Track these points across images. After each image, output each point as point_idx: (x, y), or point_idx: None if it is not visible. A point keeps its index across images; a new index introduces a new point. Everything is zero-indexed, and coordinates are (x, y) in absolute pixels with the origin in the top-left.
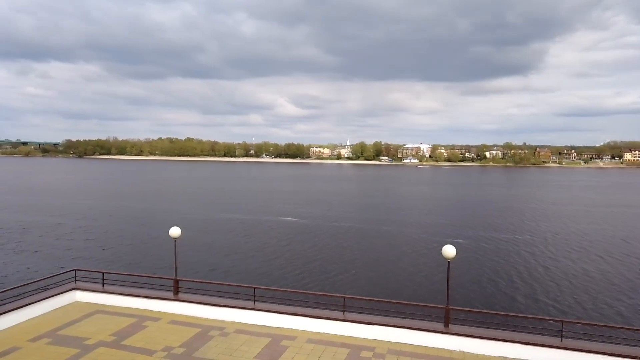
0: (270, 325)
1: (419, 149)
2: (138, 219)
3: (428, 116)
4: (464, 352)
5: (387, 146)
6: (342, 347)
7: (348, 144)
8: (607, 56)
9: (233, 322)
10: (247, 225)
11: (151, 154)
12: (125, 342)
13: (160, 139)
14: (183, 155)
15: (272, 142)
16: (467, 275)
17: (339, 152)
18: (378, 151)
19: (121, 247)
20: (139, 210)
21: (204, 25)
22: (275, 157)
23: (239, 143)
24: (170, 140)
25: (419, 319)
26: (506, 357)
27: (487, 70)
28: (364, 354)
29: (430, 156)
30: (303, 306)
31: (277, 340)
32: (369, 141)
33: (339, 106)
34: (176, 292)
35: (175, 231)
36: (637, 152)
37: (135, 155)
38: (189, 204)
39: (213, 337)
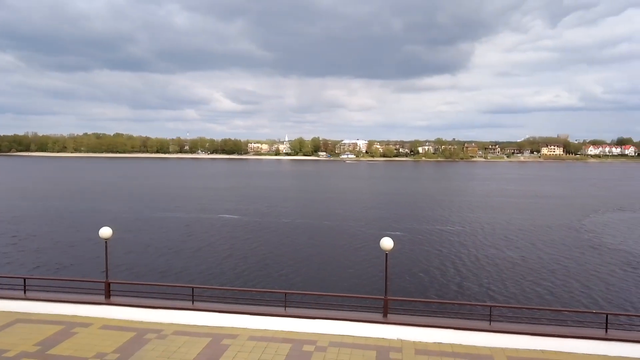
0: (210, 324)
1: (355, 144)
2: (64, 220)
3: (364, 112)
4: (401, 340)
5: (325, 142)
6: (284, 343)
7: (286, 139)
8: (526, 57)
9: (171, 324)
10: (184, 224)
11: (76, 150)
12: (51, 352)
13: (86, 134)
14: (112, 151)
15: (208, 137)
16: (404, 266)
17: (277, 148)
18: (316, 147)
19: (46, 251)
20: (64, 211)
21: (133, 15)
22: (212, 153)
23: (172, 139)
24: (97, 136)
25: (359, 311)
26: (441, 343)
27: (419, 69)
28: (306, 348)
29: (366, 152)
30: (244, 304)
31: (217, 339)
32: (307, 137)
33: (277, 102)
34: (108, 296)
35: (105, 231)
36: (552, 146)
37: (58, 151)
38: (120, 202)
39: (150, 341)
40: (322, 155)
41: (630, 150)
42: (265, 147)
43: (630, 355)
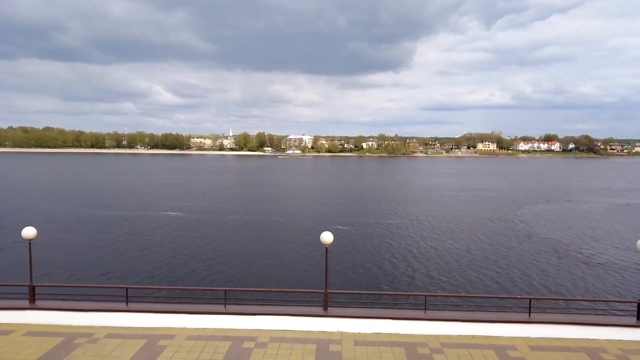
0: (145, 326)
1: (301, 140)
2: None
3: (309, 108)
4: (341, 333)
5: (271, 137)
6: (223, 341)
7: (231, 134)
8: (464, 57)
9: (103, 327)
10: (123, 222)
11: (0, 145)
12: None
13: (11, 128)
14: (41, 146)
15: (147, 132)
16: (346, 260)
17: (222, 142)
18: (262, 142)
19: None
20: None
21: (63, 1)
22: (152, 148)
23: (109, 133)
24: (25, 130)
25: (300, 305)
26: (379, 333)
27: (364, 66)
28: (246, 344)
29: (312, 147)
30: (182, 303)
31: (153, 340)
32: (253, 132)
33: (221, 96)
34: (32, 300)
35: (29, 232)
36: (487, 142)
37: None
38: (48, 200)
39: (79, 345)
40: (268, 150)
41: (555, 146)
42: (208, 142)
43: (550, 336)
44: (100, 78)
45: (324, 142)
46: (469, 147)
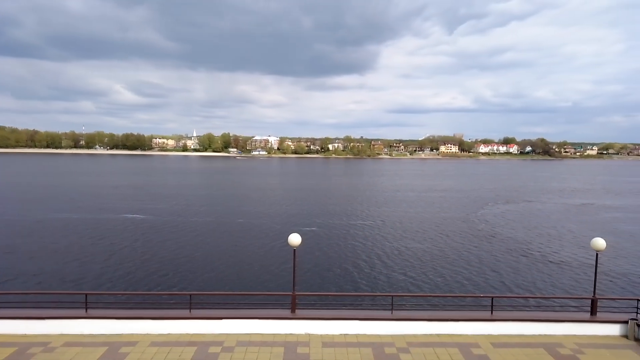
0: (107, 333)
1: (267, 141)
2: None
3: (275, 109)
4: (309, 335)
5: (236, 138)
6: (189, 346)
7: (194, 135)
8: (427, 61)
9: (61, 335)
10: (80, 226)
11: None
12: None
13: None
14: None
15: (107, 131)
16: (314, 261)
17: (185, 143)
18: (227, 143)
19: None
20: None
21: None
22: (111, 148)
23: (65, 132)
24: None
25: (268, 308)
26: (346, 334)
27: (329, 68)
28: (212, 349)
29: (278, 148)
30: (145, 308)
31: (115, 348)
32: (217, 132)
33: (184, 95)
34: None
35: None
36: (449, 145)
37: None
38: (3, 204)
39: (34, 355)
40: (233, 151)
41: (514, 149)
42: (171, 142)
43: (511, 333)
44: (56, 75)
45: (290, 143)
46: (432, 149)
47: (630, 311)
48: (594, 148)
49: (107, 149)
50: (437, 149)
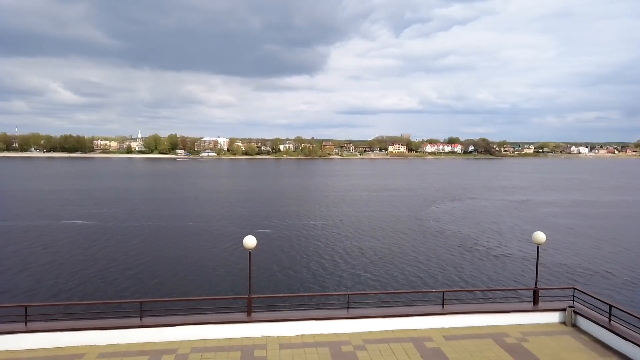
0: (50, 346)
1: (216, 142)
2: None
3: (224, 109)
4: (266, 337)
5: (184, 139)
6: (139, 356)
7: (139, 136)
8: (375, 63)
9: None
10: (18, 234)
11: None
12: None
13: None
14: None
15: (43, 133)
16: (270, 263)
17: (129, 145)
18: (174, 144)
19: None
20: None
21: None
22: (48, 151)
23: None
24: None
25: (223, 312)
26: (303, 335)
27: (279, 68)
28: (165, 357)
29: (228, 149)
30: (92, 318)
31: None
32: (164, 134)
33: (127, 95)
34: None
35: None
36: (397, 145)
37: None
38: None
39: None
40: (181, 153)
41: (458, 148)
42: (114, 144)
43: (461, 325)
44: None
45: (240, 144)
46: (381, 150)
47: (568, 299)
48: (530, 147)
49: (44, 152)
50: (386, 149)
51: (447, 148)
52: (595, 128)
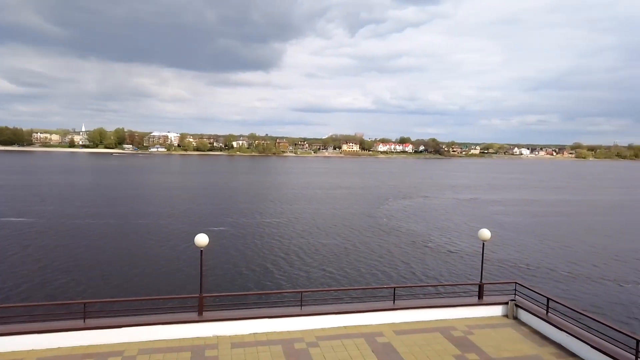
0: None
1: (167, 137)
2: None
3: (176, 104)
4: (217, 337)
5: (132, 134)
6: (83, 359)
7: (83, 130)
8: (330, 62)
9: None
10: None
11: None
12: None
13: None
14: None
15: None
16: (223, 261)
17: (72, 139)
18: (121, 139)
19: None
20: None
21: None
22: None
23: None
24: None
25: (173, 312)
26: (256, 333)
27: (234, 64)
28: None
29: (179, 145)
30: (30, 321)
31: None
32: (110, 127)
33: (72, 86)
34: None
35: None
36: (351, 143)
37: None
38: None
39: None
40: (128, 148)
41: (409, 148)
42: (56, 137)
43: (411, 320)
44: None
45: (191, 140)
46: (335, 148)
47: (510, 293)
48: (477, 148)
49: None
50: (340, 148)
51: (399, 148)
52: (536, 131)
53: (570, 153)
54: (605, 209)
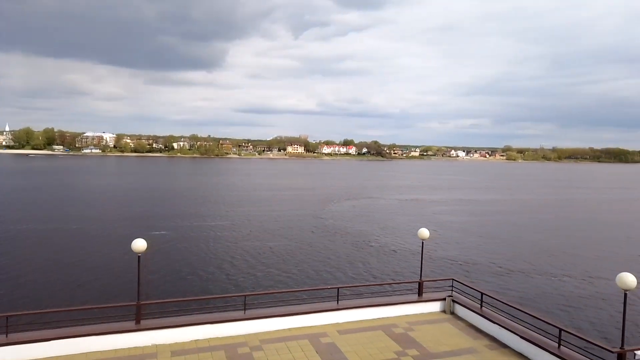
0: None
1: (101, 137)
2: None
3: (113, 103)
4: (156, 345)
5: (62, 134)
6: None
7: (7, 129)
8: (275, 63)
9: None
10: None
11: None
12: None
13: None
14: None
15: None
16: (164, 267)
17: None
18: (50, 139)
19: None
20: None
21: None
22: None
23: None
24: None
25: (109, 322)
26: (198, 339)
27: (174, 62)
28: None
29: (115, 146)
30: None
31: None
32: (39, 127)
33: None
34: None
35: None
36: (296, 145)
37: None
38: None
39: None
40: (59, 149)
41: (352, 150)
42: None
43: (355, 319)
44: None
45: (129, 140)
46: (279, 150)
47: (448, 290)
48: (416, 150)
49: None
50: (285, 150)
51: (343, 149)
52: (470, 134)
53: (501, 155)
54: (535, 208)
